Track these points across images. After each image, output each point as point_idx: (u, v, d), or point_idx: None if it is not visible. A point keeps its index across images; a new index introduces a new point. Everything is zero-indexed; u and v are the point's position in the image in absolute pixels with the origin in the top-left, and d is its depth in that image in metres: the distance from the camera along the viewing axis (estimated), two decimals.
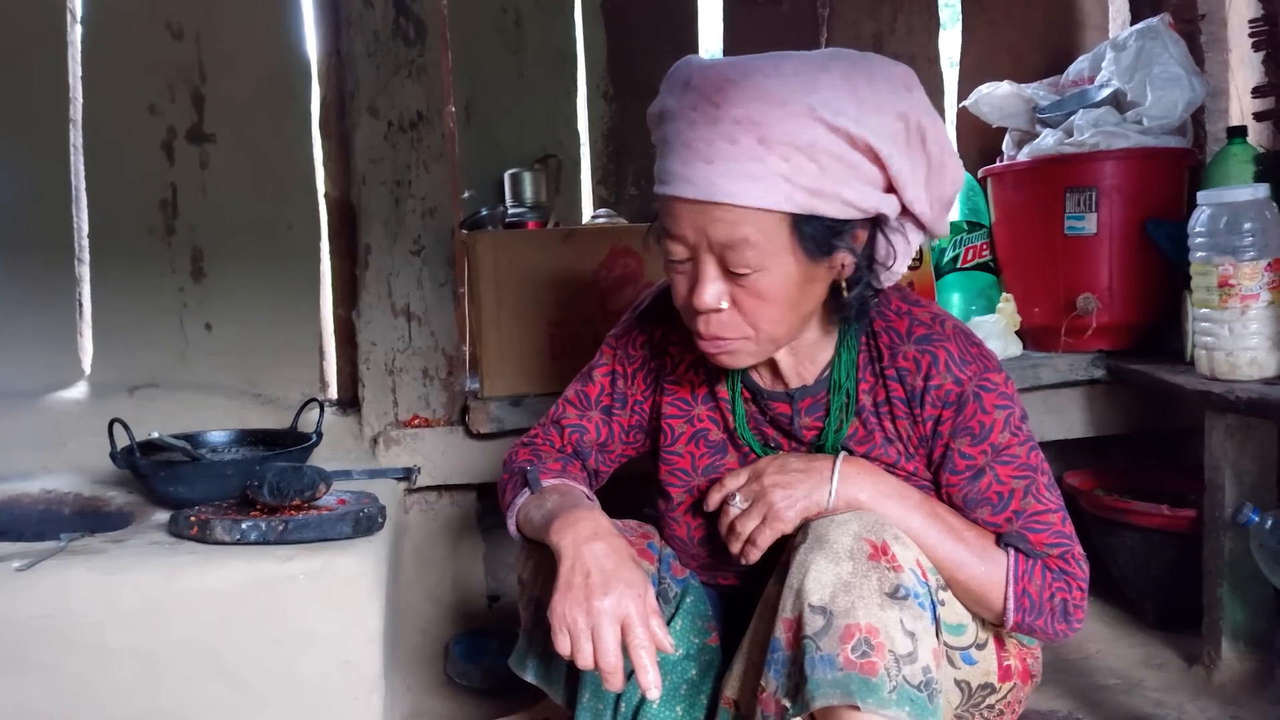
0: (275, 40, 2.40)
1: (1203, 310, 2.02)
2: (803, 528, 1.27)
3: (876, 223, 1.24)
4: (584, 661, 1.16)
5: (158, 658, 1.59)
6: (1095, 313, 2.40)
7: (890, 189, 1.21)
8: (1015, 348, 2.47)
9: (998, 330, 2.44)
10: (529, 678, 1.41)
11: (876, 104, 1.15)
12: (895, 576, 1.18)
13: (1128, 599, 2.35)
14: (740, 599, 1.45)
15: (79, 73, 2.34)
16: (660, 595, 1.41)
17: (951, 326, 1.34)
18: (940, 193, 1.26)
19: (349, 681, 1.66)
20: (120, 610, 1.57)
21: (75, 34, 2.34)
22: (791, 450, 1.40)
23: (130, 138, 2.34)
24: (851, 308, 1.29)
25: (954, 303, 2.69)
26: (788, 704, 1.18)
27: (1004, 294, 2.58)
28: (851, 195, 1.17)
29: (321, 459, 2.06)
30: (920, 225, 1.28)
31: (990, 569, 1.28)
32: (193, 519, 1.69)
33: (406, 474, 2.22)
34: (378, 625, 1.70)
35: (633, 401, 1.50)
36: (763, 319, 1.23)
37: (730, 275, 1.20)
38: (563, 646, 1.17)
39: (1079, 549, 1.32)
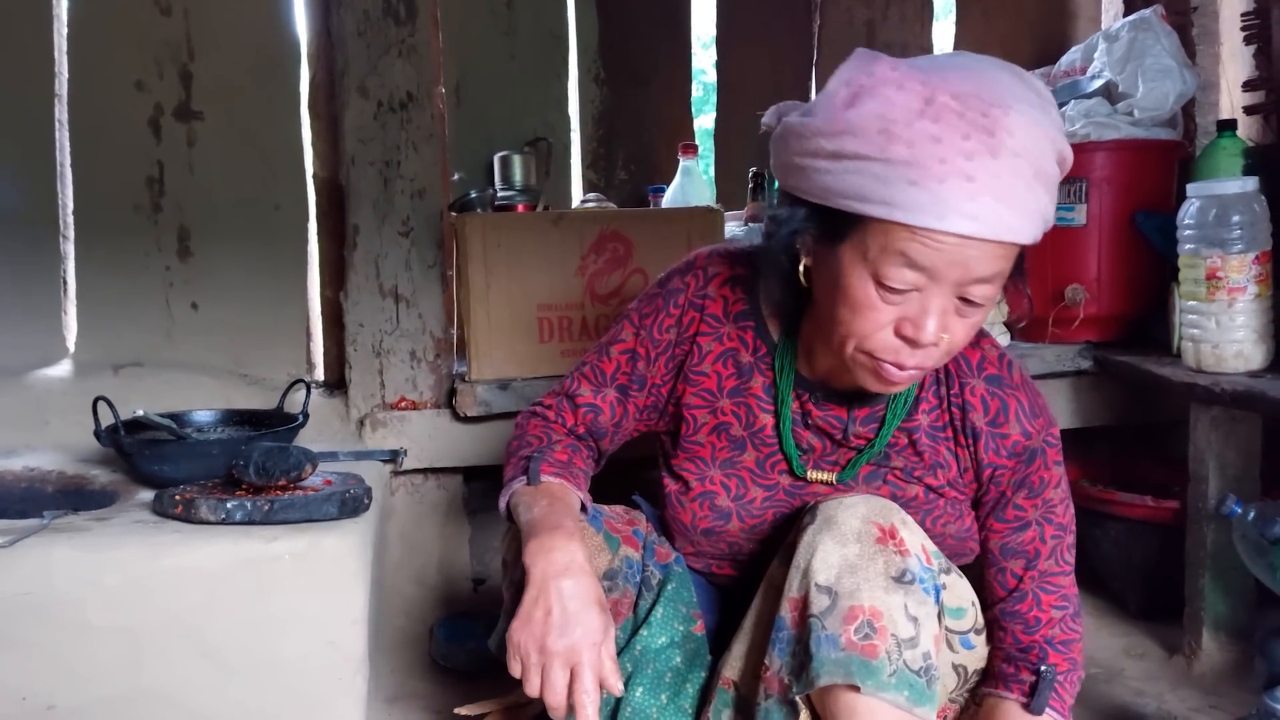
0: (265, 18, 2.38)
1: (1190, 302, 2.02)
2: (811, 509, 1.27)
3: None
4: (531, 691, 1.18)
5: (141, 636, 1.58)
6: (1083, 304, 2.41)
7: None
8: (1003, 338, 2.47)
9: (985, 321, 2.44)
10: (504, 657, 1.41)
11: (1059, 124, 1.13)
12: (902, 561, 1.19)
13: (1110, 589, 2.37)
14: (735, 590, 1.45)
15: (65, 47, 2.32)
16: (643, 583, 1.41)
17: (1019, 374, 1.34)
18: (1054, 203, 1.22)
19: (333, 662, 1.66)
20: (103, 588, 1.56)
21: (61, 8, 2.32)
22: (824, 455, 1.38)
23: (117, 114, 2.32)
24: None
25: None
26: (790, 682, 1.19)
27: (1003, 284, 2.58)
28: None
29: (308, 440, 2.05)
30: None
31: None
32: (177, 498, 1.68)
33: (393, 456, 2.21)
34: (362, 606, 1.70)
35: (651, 384, 1.44)
36: (959, 346, 1.19)
37: (961, 306, 1.14)
38: (514, 670, 1.20)
39: (1077, 605, 1.36)
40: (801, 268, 1.23)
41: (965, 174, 1.05)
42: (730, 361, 1.40)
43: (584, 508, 1.39)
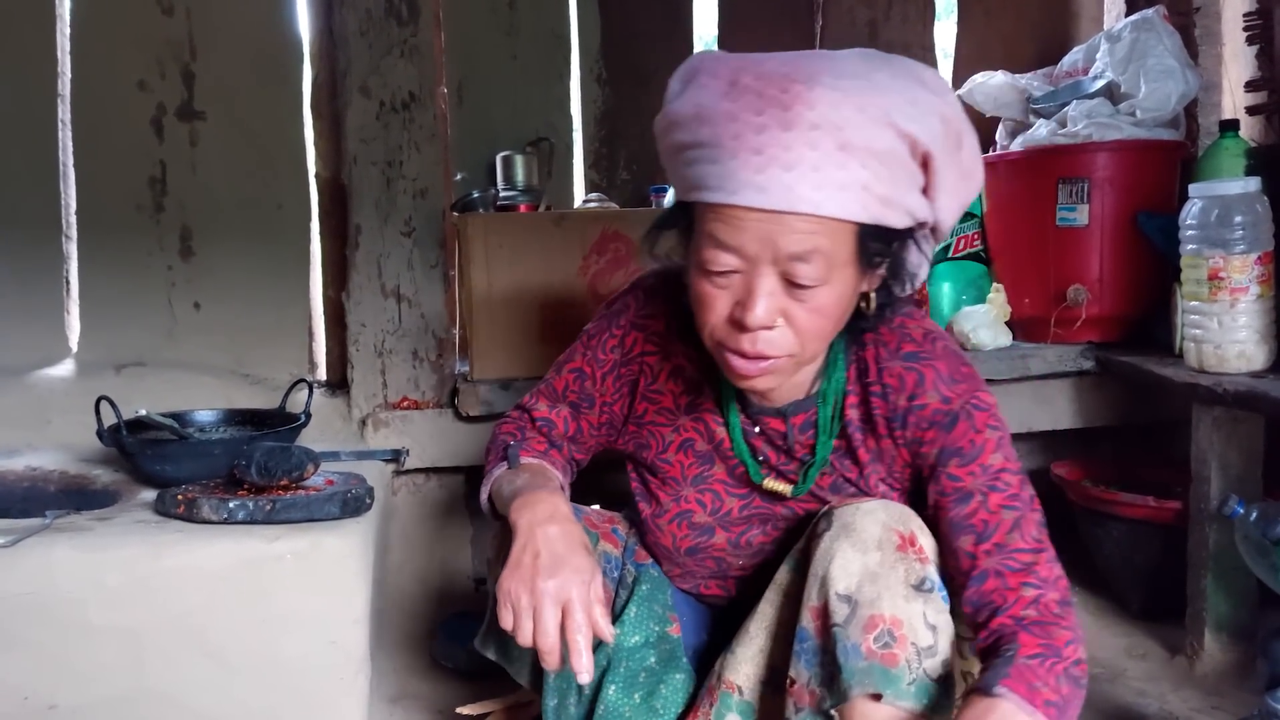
0: (267, 17, 2.38)
1: (1192, 303, 2.02)
2: (826, 514, 1.26)
3: (913, 230, 1.19)
4: (523, 638, 1.17)
5: (143, 636, 1.58)
6: (1085, 304, 2.41)
7: (924, 194, 1.15)
8: (1005, 338, 2.47)
9: (988, 320, 2.44)
10: (491, 655, 1.41)
11: (927, 106, 1.10)
12: (922, 569, 1.19)
13: (1112, 589, 2.37)
14: (726, 609, 1.45)
15: (67, 47, 2.32)
16: (620, 582, 1.42)
17: (942, 346, 1.29)
18: (964, 199, 1.21)
19: (335, 662, 1.66)
20: (105, 588, 1.56)
21: (64, 8, 2.32)
22: (779, 464, 1.37)
23: (119, 114, 2.32)
24: (872, 319, 1.24)
25: (944, 292, 2.70)
26: (823, 694, 1.18)
27: (994, 284, 2.58)
28: (912, 204, 1.13)
29: (310, 440, 2.05)
30: (935, 231, 1.23)
31: None
32: (180, 498, 1.68)
33: (395, 456, 2.21)
34: (364, 606, 1.70)
35: (601, 402, 1.45)
36: (812, 335, 1.16)
37: (789, 289, 1.12)
38: (505, 621, 1.19)
39: (1061, 588, 1.19)
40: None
41: (753, 148, 1.05)
42: (680, 379, 1.40)
43: (566, 493, 1.41)
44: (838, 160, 1.05)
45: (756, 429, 1.36)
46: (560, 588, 1.17)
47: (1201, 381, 1.96)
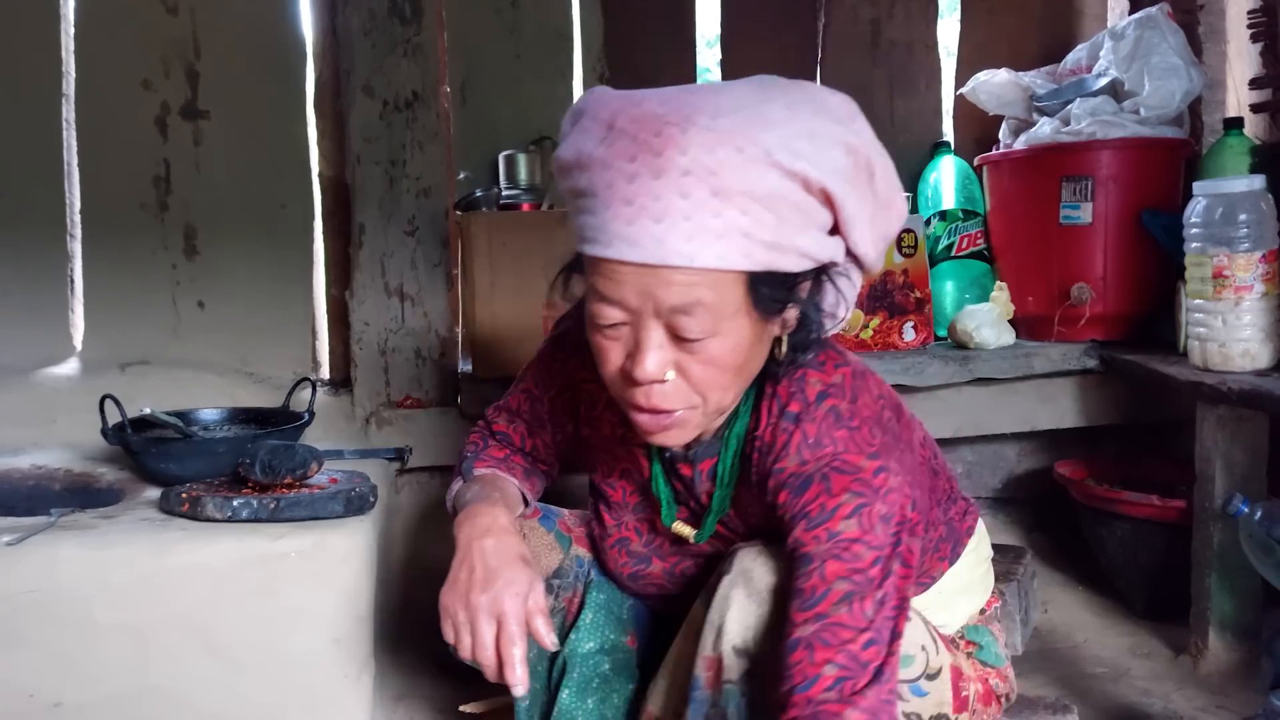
0: (271, 17, 2.38)
1: (1196, 301, 2.02)
2: (731, 554, 1.21)
3: (824, 269, 1.11)
4: (464, 653, 1.18)
5: (147, 634, 1.59)
6: (1089, 302, 2.41)
7: (835, 230, 1.08)
8: (1008, 337, 2.47)
9: (991, 319, 2.44)
10: (466, 660, 1.41)
11: (828, 137, 1.03)
12: None
13: (1116, 588, 2.36)
14: (678, 618, 1.45)
15: (71, 46, 2.32)
16: (587, 586, 1.43)
17: (829, 406, 1.15)
18: (885, 230, 1.14)
19: (339, 660, 1.66)
20: (110, 586, 1.57)
21: (68, 7, 2.32)
22: (693, 507, 1.32)
23: (123, 113, 2.33)
24: (782, 365, 1.16)
25: (948, 291, 2.70)
26: None
27: (998, 282, 2.58)
28: (808, 246, 1.05)
29: (313, 438, 2.06)
30: (860, 265, 1.16)
31: None
32: (184, 496, 1.69)
33: (398, 454, 2.21)
34: (368, 604, 1.70)
35: (554, 425, 1.44)
36: (712, 387, 1.09)
37: (678, 341, 1.05)
38: (447, 635, 1.19)
39: (878, 688, 1.04)
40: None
41: (625, 198, 1.00)
42: (615, 410, 1.30)
43: (526, 500, 1.43)
44: (712, 208, 0.99)
45: (675, 468, 1.32)
46: (494, 601, 1.16)
47: (1206, 380, 1.96)
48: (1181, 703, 1.92)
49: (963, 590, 1.39)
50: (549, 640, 1.18)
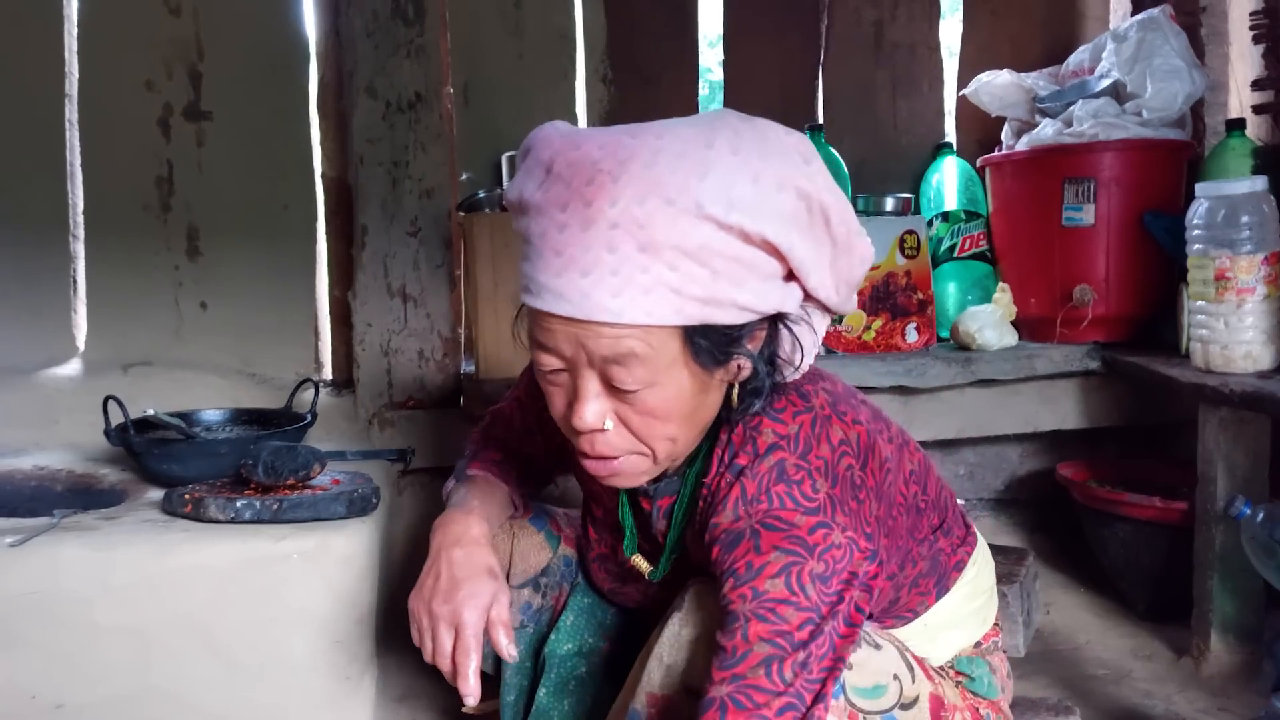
0: (274, 18, 2.39)
1: (1199, 303, 2.02)
2: (687, 587, 1.17)
3: (779, 318, 1.08)
4: (426, 657, 1.20)
5: (149, 635, 1.59)
6: (1091, 304, 2.40)
7: (791, 277, 1.05)
8: (1010, 338, 2.47)
9: (993, 320, 2.44)
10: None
11: (775, 182, 0.99)
12: None
13: (1118, 590, 2.36)
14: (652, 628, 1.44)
15: (75, 47, 2.33)
16: (573, 588, 1.44)
17: (776, 461, 1.08)
18: (848, 275, 1.10)
19: (341, 661, 1.66)
20: (112, 587, 1.57)
21: (71, 8, 2.33)
22: (650, 540, 1.29)
23: (126, 114, 2.33)
24: (738, 412, 1.11)
25: (950, 292, 2.70)
26: None
27: (1000, 284, 2.58)
28: (748, 299, 1.01)
29: (316, 439, 2.06)
30: (826, 308, 1.14)
31: None
32: (187, 497, 1.69)
33: (401, 455, 2.21)
34: (370, 605, 1.70)
35: (544, 433, 1.40)
36: (655, 436, 1.07)
37: (614, 391, 1.03)
38: (414, 638, 1.22)
39: None
40: None
41: (555, 248, 0.98)
42: None
43: (518, 504, 1.44)
44: (639, 263, 0.95)
45: (636, 501, 1.29)
46: (454, 612, 1.18)
47: (1208, 382, 1.96)
48: (1183, 705, 1.92)
49: (950, 625, 1.33)
50: (508, 652, 1.19)
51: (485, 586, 1.20)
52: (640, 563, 1.30)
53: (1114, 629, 2.27)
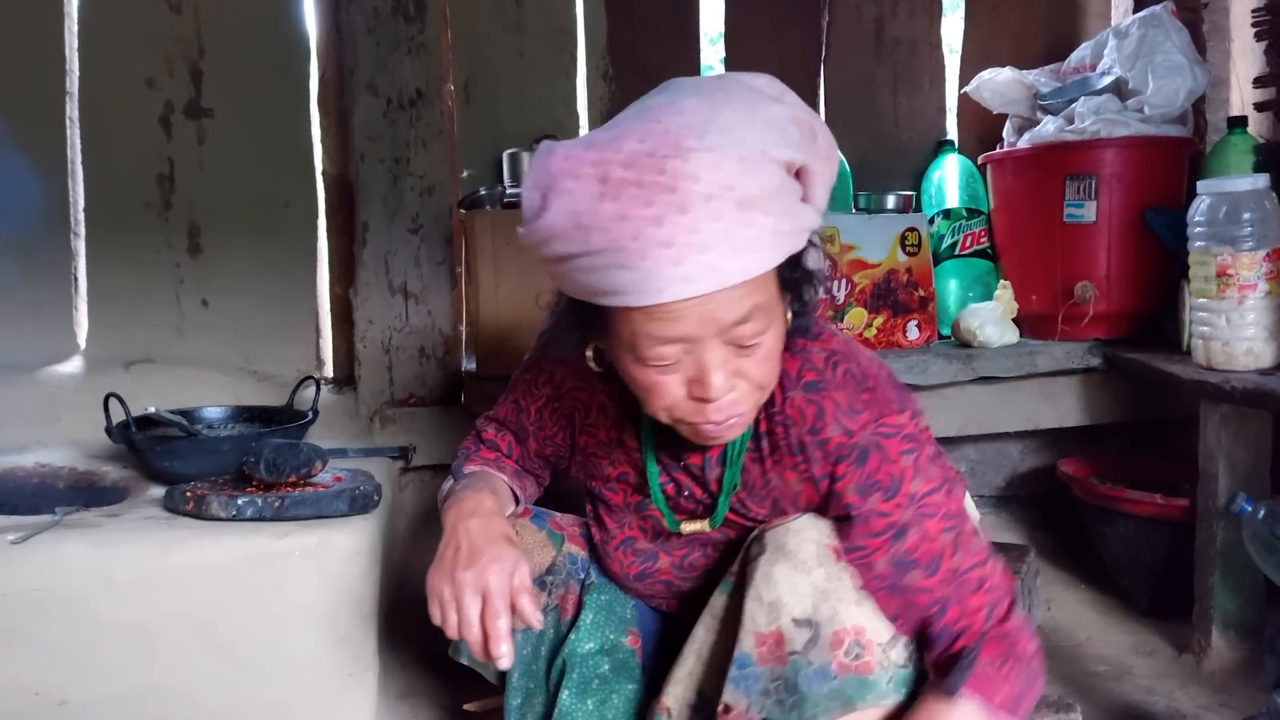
0: (274, 15, 2.39)
1: (1200, 300, 2.02)
2: (758, 537, 1.25)
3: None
4: (450, 631, 1.20)
5: (152, 632, 1.59)
6: (1093, 301, 2.40)
7: (805, 197, 1.12)
8: (1012, 335, 2.47)
9: (994, 317, 2.44)
10: (464, 661, 1.42)
11: (782, 119, 1.07)
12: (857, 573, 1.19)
13: (1119, 586, 2.36)
14: (685, 621, 1.45)
15: (75, 45, 2.33)
16: (584, 585, 1.44)
17: (843, 371, 1.22)
18: (830, 181, 1.16)
19: (343, 659, 1.66)
20: (114, 584, 1.57)
21: (72, 5, 2.33)
22: (697, 500, 1.34)
23: (127, 111, 2.33)
24: (791, 334, 1.20)
25: (951, 290, 2.70)
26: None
27: (1002, 281, 2.58)
28: (806, 219, 1.09)
29: (317, 437, 2.06)
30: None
31: None
32: (189, 494, 1.69)
33: (402, 453, 2.21)
34: (372, 603, 1.70)
35: (543, 435, 1.45)
36: (767, 379, 1.15)
37: (738, 350, 1.10)
38: (434, 616, 1.21)
39: (1008, 586, 1.22)
40: (590, 353, 1.22)
41: (662, 241, 1.00)
42: (607, 415, 1.38)
43: (517, 499, 1.46)
44: (743, 220, 1.01)
45: (679, 462, 1.33)
46: (478, 576, 1.19)
47: (1209, 379, 1.96)
48: (1185, 701, 1.92)
49: None
50: (534, 618, 1.20)
51: (507, 552, 1.22)
52: (693, 526, 1.34)
53: (1115, 625, 2.27)
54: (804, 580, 1.17)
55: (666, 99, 1.08)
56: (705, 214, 0.99)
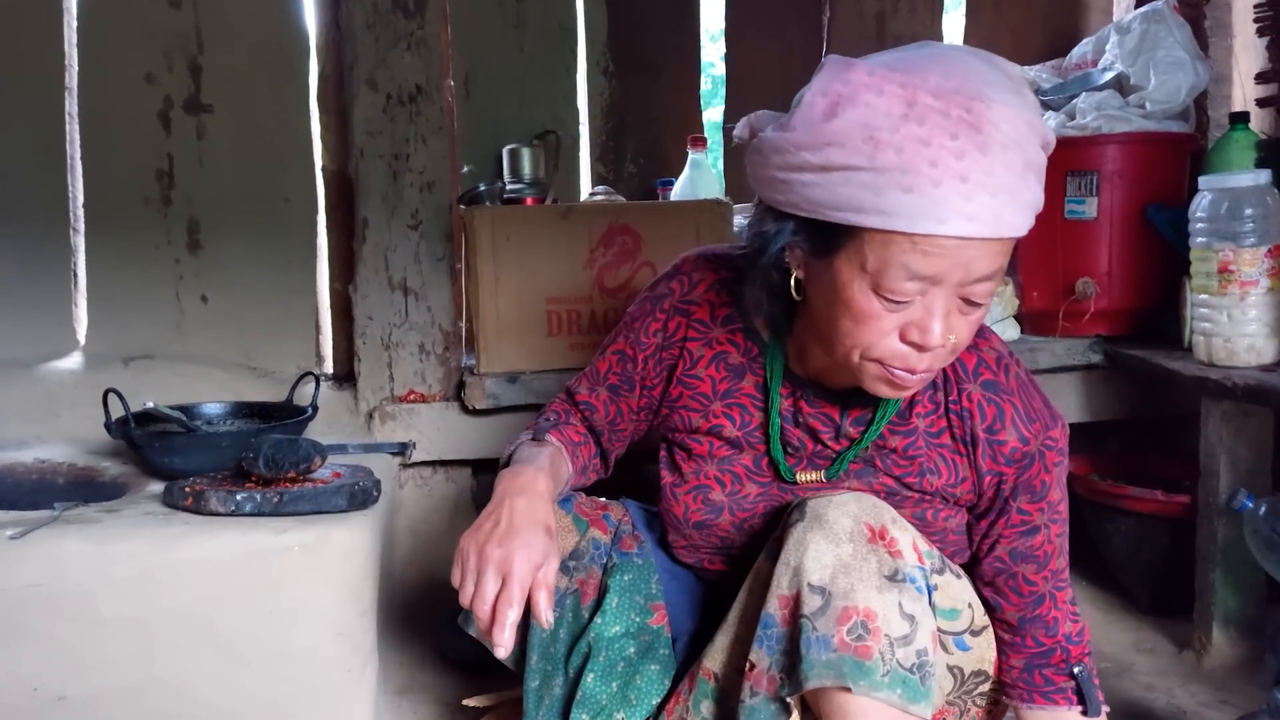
0: (274, 11, 2.38)
1: (1202, 296, 2.01)
2: (799, 504, 1.26)
3: None
4: (464, 598, 1.21)
5: (151, 627, 1.59)
6: (1094, 297, 2.40)
7: None
8: (1013, 331, 2.47)
9: (995, 314, 2.44)
10: (470, 632, 1.42)
11: (1037, 105, 1.12)
12: (893, 561, 1.19)
13: (1120, 583, 2.36)
14: (725, 586, 1.45)
15: (74, 40, 2.32)
16: (605, 569, 1.44)
17: (1015, 378, 1.30)
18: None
19: (342, 654, 1.66)
20: (114, 580, 1.57)
21: (71, 0, 2.32)
22: (813, 453, 1.37)
23: (127, 107, 2.32)
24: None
25: None
26: (782, 681, 1.19)
27: (1003, 277, 2.57)
28: (1040, 204, 1.13)
29: (317, 433, 2.06)
30: None
31: None
32: (188, 490, 1.69)
33: (402, 449, 2.21)
34: (372, 598, 1.70)
35: (642, 386, 1.46)
36: (966, 343, 1.17)
37: (962, 305, 1.12)
38: (454, 577, 1.23)
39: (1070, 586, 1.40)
40: (794, 280, 1.21)
41: (958, 174, 1.01)
42: (721, 365, 1.40)
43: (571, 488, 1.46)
44: (1026, 179, 1.05)
45: (799, 418, 1.35)
46: (505, 558, 1.19)
47: (1211, 375, 1.96)
48: (1185, 698, 1.92)
49: None
50: (545, 617, 1.21)
51: (541, 541, 1.22)
52: (807, 475, 1.37)
53: (1116, 622, 2.27)
54: (830, 551, 1.19)
55: (943, 51, 1.10)
56: (1001, 161, 1.03)
